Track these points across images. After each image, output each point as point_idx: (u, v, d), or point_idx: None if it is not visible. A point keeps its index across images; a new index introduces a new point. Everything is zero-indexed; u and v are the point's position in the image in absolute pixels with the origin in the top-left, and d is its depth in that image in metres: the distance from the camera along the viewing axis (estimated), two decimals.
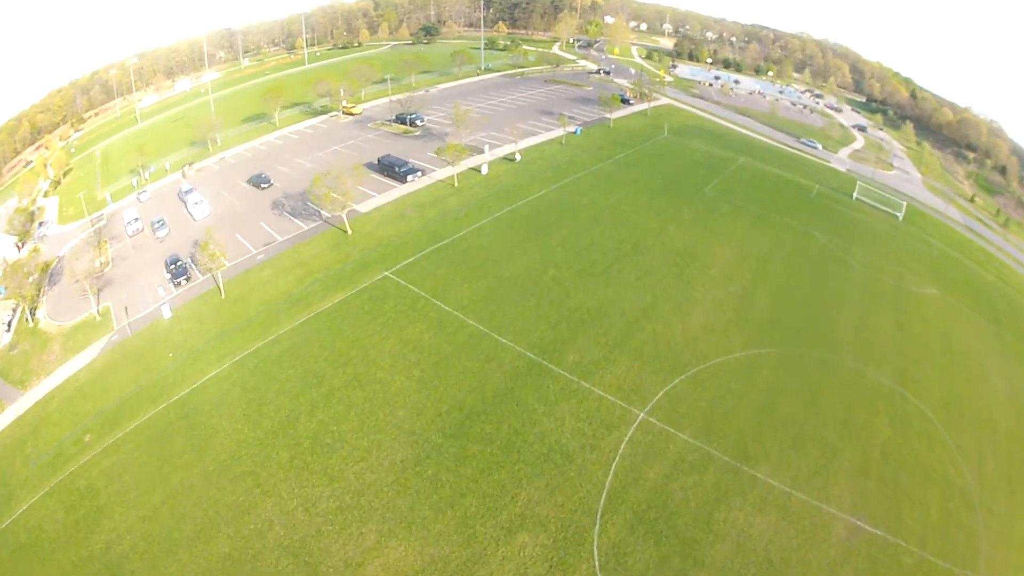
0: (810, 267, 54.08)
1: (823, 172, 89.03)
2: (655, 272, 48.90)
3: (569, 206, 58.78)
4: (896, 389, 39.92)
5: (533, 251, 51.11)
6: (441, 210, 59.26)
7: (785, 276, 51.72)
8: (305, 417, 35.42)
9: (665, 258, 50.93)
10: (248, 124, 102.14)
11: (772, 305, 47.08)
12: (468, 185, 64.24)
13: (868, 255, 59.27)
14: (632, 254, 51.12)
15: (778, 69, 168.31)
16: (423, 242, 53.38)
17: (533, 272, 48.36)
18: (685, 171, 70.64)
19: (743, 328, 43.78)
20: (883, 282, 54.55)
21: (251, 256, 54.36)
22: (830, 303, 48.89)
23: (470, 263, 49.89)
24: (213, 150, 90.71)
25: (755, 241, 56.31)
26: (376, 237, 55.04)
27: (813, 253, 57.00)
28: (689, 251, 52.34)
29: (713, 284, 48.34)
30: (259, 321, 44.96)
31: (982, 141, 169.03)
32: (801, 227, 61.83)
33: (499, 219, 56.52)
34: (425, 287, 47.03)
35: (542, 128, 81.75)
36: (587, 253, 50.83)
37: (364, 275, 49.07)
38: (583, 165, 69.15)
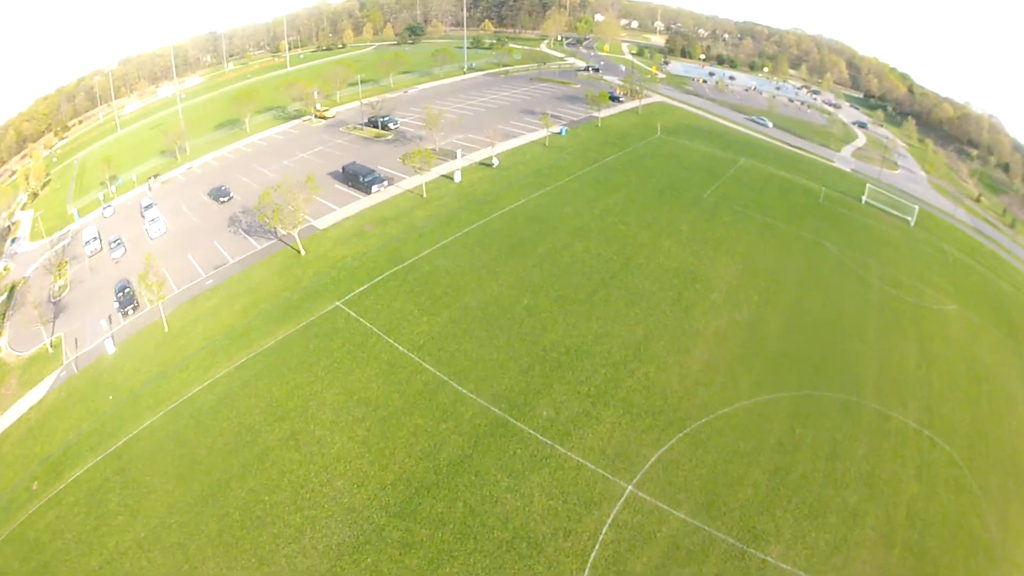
0: (824, 285, 45.69)
1: (828, 173, 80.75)
2: (648, 297, 40.41)
3: (550, 218, 50.25)
4: (923, 432, 32.88)
5: (505, 274, 42.65)
6: (405, 225, 50.87)
7: (797, 297, 43.33)
8: (236, 482, 29.20)
9: (660, 279, 42.45)
10: (220, 131, 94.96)
11: (784, 335, 38.77)
12: (438, 195, 55.75)
13: (884, 268, 51.07)
14: (621, 275, 42.60)
15: (773, 65, 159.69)
16: (381, 264, 45.21)
17: (504, 301, 39.94)
18: (681, 174, 62.09)
19: (752, 366, 35.45)
20: (903, 300, 46.48)
21: (200, 281, 47.19)
22: (849, 329, 40.70)
23: (432, 290, 41.58)
24: (182, 159, 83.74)
25: (762, 255, 47.88)
26: (331, 259, 47.06)
27: (826, 268, 48.63)
28: (688, 270, 43.86)
29: (716, 311, 39.91)
30: (198, 361, 37.99)
31: (984, 137, 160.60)
32: (811, 237, 53.44)
33: (469, 235, 48.02)
34: (379, 321, 39.02)
35: (524, 129, 73.20)
36: (568, 275, 42.33)
37: (313, 305, 41.30)
38: (567, 169, 60.62)
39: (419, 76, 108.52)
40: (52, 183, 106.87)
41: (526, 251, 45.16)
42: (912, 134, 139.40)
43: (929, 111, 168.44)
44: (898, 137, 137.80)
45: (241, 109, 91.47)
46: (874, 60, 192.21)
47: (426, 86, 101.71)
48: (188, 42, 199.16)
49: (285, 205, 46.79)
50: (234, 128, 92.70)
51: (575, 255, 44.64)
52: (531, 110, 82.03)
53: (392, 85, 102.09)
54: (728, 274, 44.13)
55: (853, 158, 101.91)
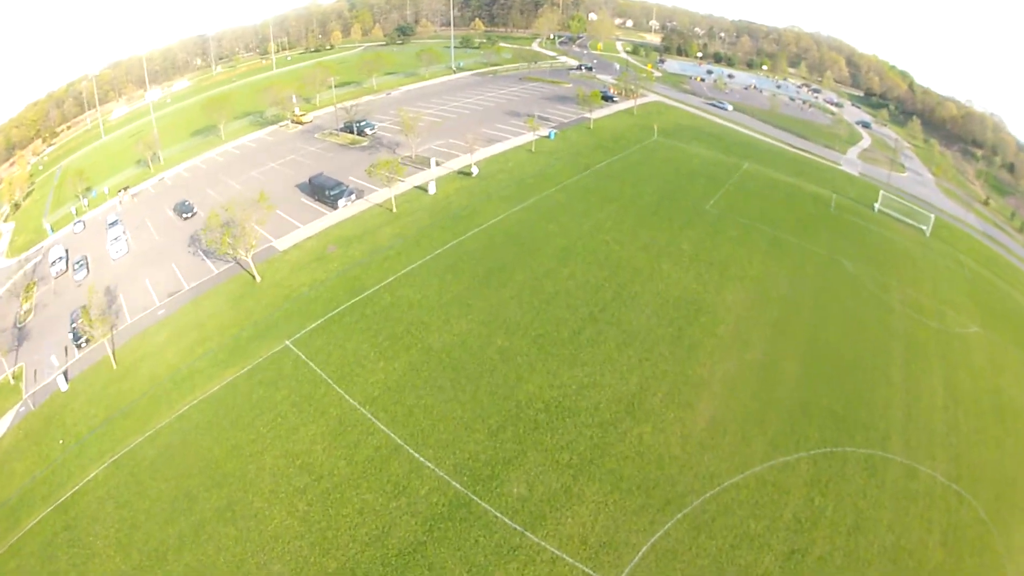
0: (843, 312, 38.81)
1: (837, 178, 73.90)
2: (644, 336, 33.42)
3: (532, 236, 43.22)
4: (951, 487, 27.72)
5: (477, 308, 35.69)
6: (370, 246, 44.03)
7: (815, 329, 36.43)
8: (173, 555, 24.76)
9: (658, 312, 35.45)
10: (196, 138, 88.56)
11: (802, 378, 31.97)
12: (409, 210, 48.76)
13: (905, 288, 44.37)
14: (613, 308, 35.60)
15: (772, 63, 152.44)
16: (339, 295, 38.59)
17: (474, 342, 33.03)
18: (681, 182, 54.97)
19: (765, 422, 28.80)
20: (926, 326, 39.86)
21: (153, 311, 41.52)
22: (872, 366, 34.02)
23: (392, 328, 34.79)
24: (155, 169, 77.90)
25: (774, 278, 40.93)
26: (286, 287, 40.57)
27: (845, 290, 41.75)
28: (690, 299, 36.87)
29: (724, 350, 33.00)
30: (142, 407, 32.77)
31: (988, 137, 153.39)
32: (825, 253, 46.52)
33: (439, 259, 41.06)
34: (329, 366, 32.52)
35: (509, 132, 66.09)
36: (551, 309, 35.31)
37: (261, 345, 34.95)
38: (554, 178, 53.54)
39: (404, 77, 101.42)
40: (35, 193, 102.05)
41: (503, 279, 38.17)
42: (917, 134, 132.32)
43: (932, 110, 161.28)
44: (902, 137, 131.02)
45: (215, 116, 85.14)
46: (873, 58, 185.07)
47: (411, 87, 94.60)
48: (177, 45, 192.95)
49: (234, 228, 40.76)
50: (210, 135, 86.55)
51: (559, 283, 37.60)
52: (518, 112, 74.80)
53: (375, 87, 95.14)
54: (737, 303, 37.16)
55: (860, 160, 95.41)
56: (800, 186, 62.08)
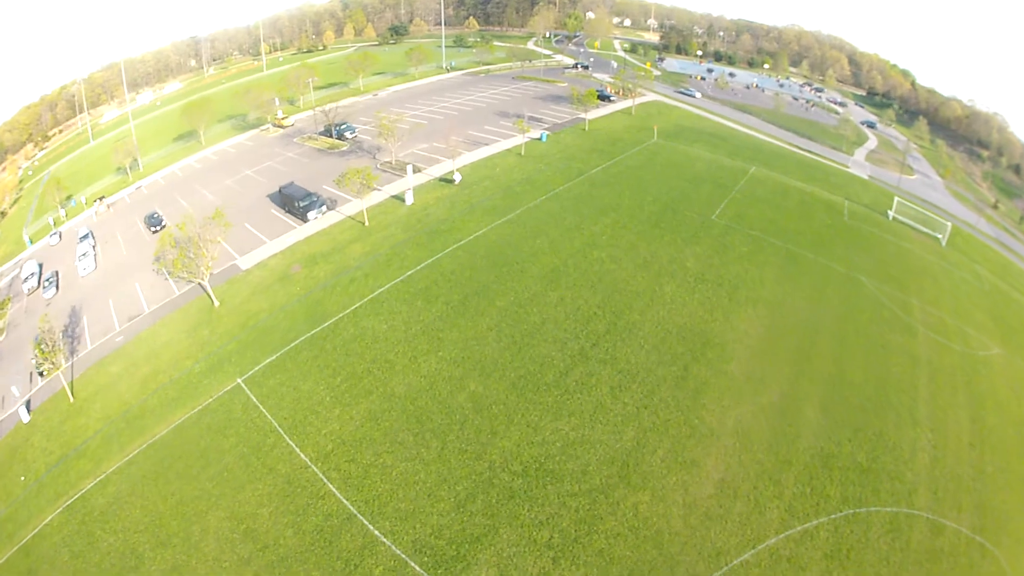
0: (866, 340, 33.46)
1: (848, 182, 68.39)
2: (643, 377, 28.06)
3: (517, 254, 37.84)
4: (974, 539, 23.61)
5: (449, 342, 30.36)
6: (337, 265, 38.86)
7: (837, 361, 31.13)
8: None
9: (660, 346, 30.05)
10: (178, 143, 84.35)
11: (824, 423, 26.86)
12: (383, 223, 43.46)
13: (926, 307, 39.09)
14: (607, 342, 30.21)
15: (773, 61, 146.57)
16: (298, 324, 33.65)
17: (442, 387, 27.75)
18: (684, 189, 49.48)
19: (782, 480, 23.90)
20: (950, 350, 34.73)
21: (112, 337, 37.20)
22: (898, 402, 28.96)
23: (352, 366, 29.68)
24: (134, 177, 73.87)
25: (790, 300, 35.55)
26: (244, 313, 35.86)
27: (866, 314, 36.35)
28: (697, 329, 31.47)
29: (736, 392, 27.67)
30: (95, 447, 29.01)
31: (993, 138, 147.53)
32: (844, 269, 41.11)
33: (412, 281, 35.73)
34: (281, 411, 27.77)
35: (498, 135, 60.66)
36: (535, 344, 29.93)
37: (212, 381, 30.46)
38: (545, 185, 48.11)
39: (393, 77, 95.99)
40: (21, 200, 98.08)
41: (481, 306, 32.79)
42: (924, 135, 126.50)
43: (936, 109, 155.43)
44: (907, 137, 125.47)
45: (195, 121, 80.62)
46: (875, 56, 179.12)
47: (399, 87, 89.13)
48: (170, 47, 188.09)
49: (188, 249, 36.03)
50: (191, 140, 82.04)
51: (546, 311, 32.18)
52: (509, 112, 69.26)
53: (362, 88, 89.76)
54: (749, 332, 31.78)
55: (868, 162, 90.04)
56: (811, 192, 56.59)
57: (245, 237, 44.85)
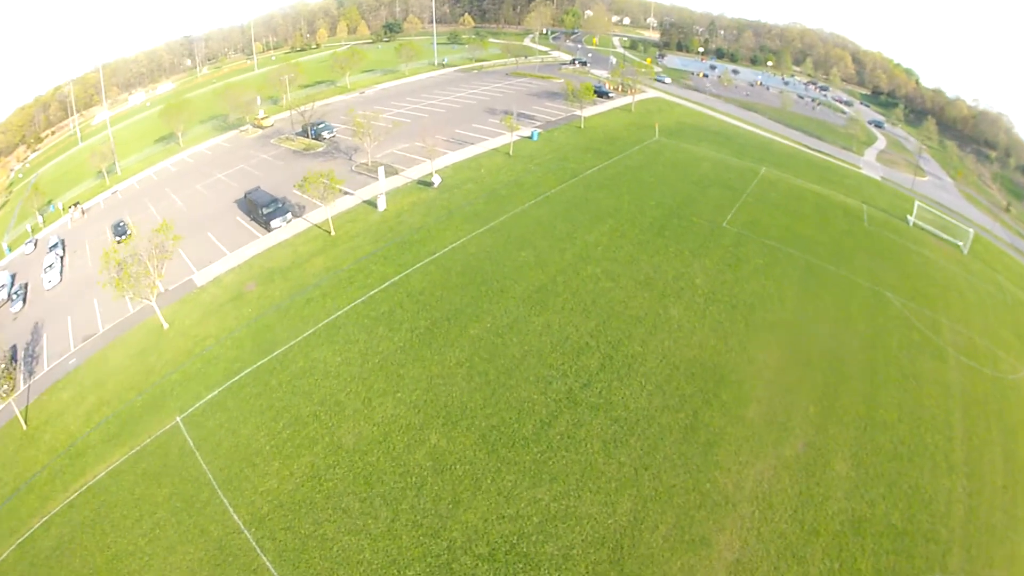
0: (897, 370, 28.05)
1: (863, 184, 63.08)
2: (644, 427, 22.54)
3: (498, 269, 32.29)
4: None
5: (411, 380, 24.90)
6: (295, 283, 33.55)
7: (868, 398, 25.70)
8: None
9: (664, 386, 24.50)
10: (158, 145, 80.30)
11: (854, 479, 21.69)
12: (350, 232, 38.05)
13: (956, 327, 33.76)
14: (601, 381, 24.66)
15: (776, 59, 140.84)
16: (245, 353, 28.52)
17: (398, 439, 22.35)
18: (690, 192, 43.83)
19: (807, 556, 18.78)
20: (981, 376, 29.55)
21: (66, 359, 33.38)
22: (933, 445, 23.96)
23: (298, 408, 24.43)
24: (111, 181, 69.89)
25: (813, 324, 30.08)
26: (192, 337, 31.01)
27: (895, 336, 30.89)
28: (708, 362, 25.94)
29: (754, 444, 22.24)
30: (42, 482, 25.60)
31: (1000, 138, 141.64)
32: (869, 284, 35.60)
33: (375, 302, 30.26)
34: (218, 459, 22.93)
35: (486, 133, 55.17)
36: (513, 384, 24.38)
37: (152, 418, 25.98)
38: (534, 188, 42.55)
39: (382, 74, 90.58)
40: (8, 204, 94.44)
41: (452, 334, 27.26)
42: (932, 135, 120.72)
43: (942, 109, 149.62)
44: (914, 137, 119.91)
45: (173, 122, 76.73)
46: (878, 55, 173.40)
47: (387, 85, 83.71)
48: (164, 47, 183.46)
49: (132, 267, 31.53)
50: (170, 142, 77.95)
51: (528, 341, 26.63)
52: (499, 110, 63.69)
53: (348, 85, 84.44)
54: (769, 366, 26.27)
55: (879, 163, 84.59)
56: (827, 195, 51.05)
57: (206, 248, 39.99)
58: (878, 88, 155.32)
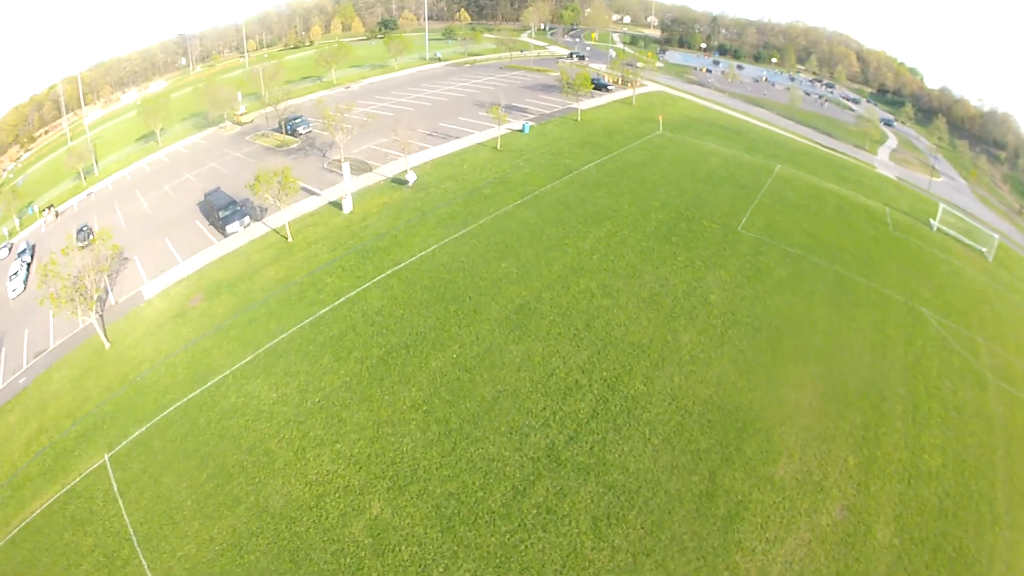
0: (939, 404, 22.95)
1: (881, 184, 57.84)
2: (648, 497, 17.15)
3: (472, 284, 26.82)
4: None
5: (354, 427, 19.61)
6: (241, 298, 28.48)
7: (911, 441, 20.69)
8: None
9: (674, 438, 19.07)
10: (138, 144, 76.11)
11: (898, 547, 17.09)
12: (310, 238, 32.77)
13: (991, 344, 28.75)
14: (593, 432, 19.22)
15: (781, 56, 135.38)
16: (178, 383, 23.83)
17: (334, 502, 17.28)
18: (699, 191, 38.23)
19: None
20: (1019, 402, 24.84)
21: (16, 378, 30.15)
22: (979, 495, 19.51)
23: (224, 455, 19.86)
24: (88, 182, 66.02)
25: (849, 349, 24.75)
26: (130, 360, 26.63)
27: (935, 362, 25.57)
28: (729, 404, 20.50)
29: (786, 513, 17.09)
30: None
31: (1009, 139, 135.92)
32: (902, 299, 30.21)
33: (322, 323, 24.96)
34: (138, 511, 18.84)
35: (473, 127, 49.83)
36: (480, 435, 18.95)
37: (83, 453, 22.15)
38: (521, 186, 37.06)
39: (371, 69, 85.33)
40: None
41: (409, 367, 21.85)
42: (943, 135, 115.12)
43: (949, 108, 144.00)
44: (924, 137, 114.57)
45: (150, 120, 72.70)
46: (882, 54, 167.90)
47: (374, 79, 78.53)
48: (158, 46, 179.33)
49: (67, 281, 28.03)
50: (150, 141, 73.70)
51: (502, 378, 21.16)
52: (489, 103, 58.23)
53: (335, 80, 79.37)
54: (802, 406, 20.91)
55: (893, 163, 79.26)
56: (847, 196, 45.58)
57: (162, 256, 35.34)
58: (884, 86, 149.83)
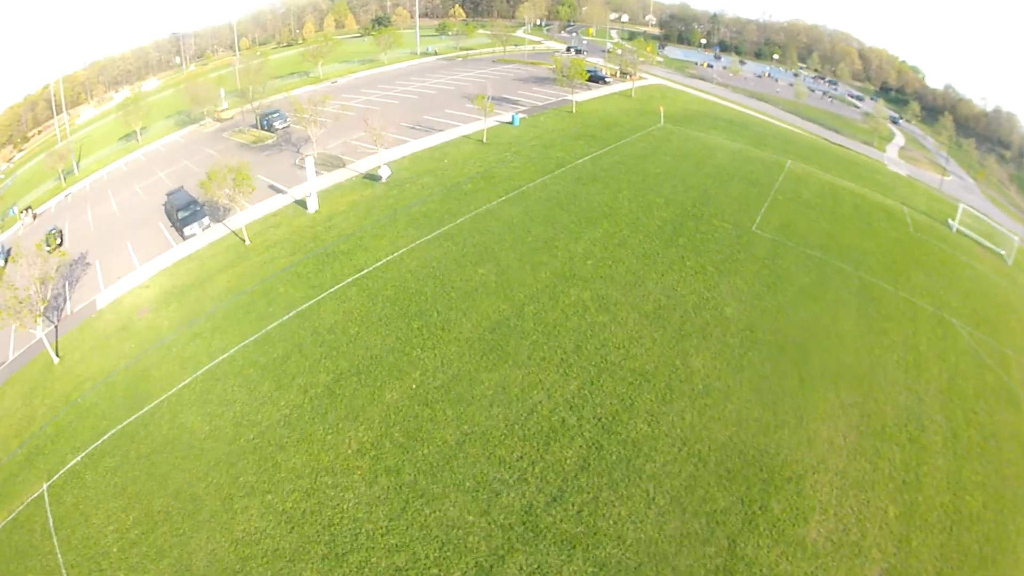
0: (978, 431, 19.39)
1: (895, 182, 54.06)
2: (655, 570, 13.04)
3: (441, 294, 22.74)
4: None
5: (290, 474, 15.69)
6: (188, 310, 24.80)
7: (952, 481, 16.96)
8: None
9: (685, 497, 15.06)
10: (121, 142, 73.31)
11: None
12: (270, 240, 28.83)
13: (1021, 357, 25.08)
14: (582, 489, 15.21)
15: (783, 52, 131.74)
16: (115, 407, 20.38)
17: (259, 568, 13.01)
18: (707, 187, 34.07)
19: None
20: None
21: None
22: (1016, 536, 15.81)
23: (151, 496, 16.36)
24: (68, 182, 63.49)
25: (882, 372, 20.85)
26: (76, 377, 23.45)
27: (970, 381, 21.89)
28: (752, 448, 16.46)
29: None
30: None
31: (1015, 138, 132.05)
32: (931, 307, 26.40)
33: (268, 342, 21.05)
34: (70, 552, 15.36)
35: (459, 119, 45.84)
36: (437, 492, 14.93)
37: (24, 480, 19.17)
38: (507, 181, 32.95)
39: (360, 64, 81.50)
40: None
41: (359, 399, 17.85)
42: (950, 133, 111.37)
43: (953, 107, 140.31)
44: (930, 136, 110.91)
45: (131, 118, 69.88)
46: (883, 52, 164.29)
47: (362, 74, 74.79)
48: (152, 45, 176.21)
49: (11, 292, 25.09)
50: (132, 139, 70.74)
51: (471, 415, 17.12)
52: None
53: (321, 75, 75.58)
54: (835, 445, 17.08)
55: (902, 160, 75.47)
56: (863, 195, 41.65)
57: (121, 260, 31.83)
58: (887, 84, 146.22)
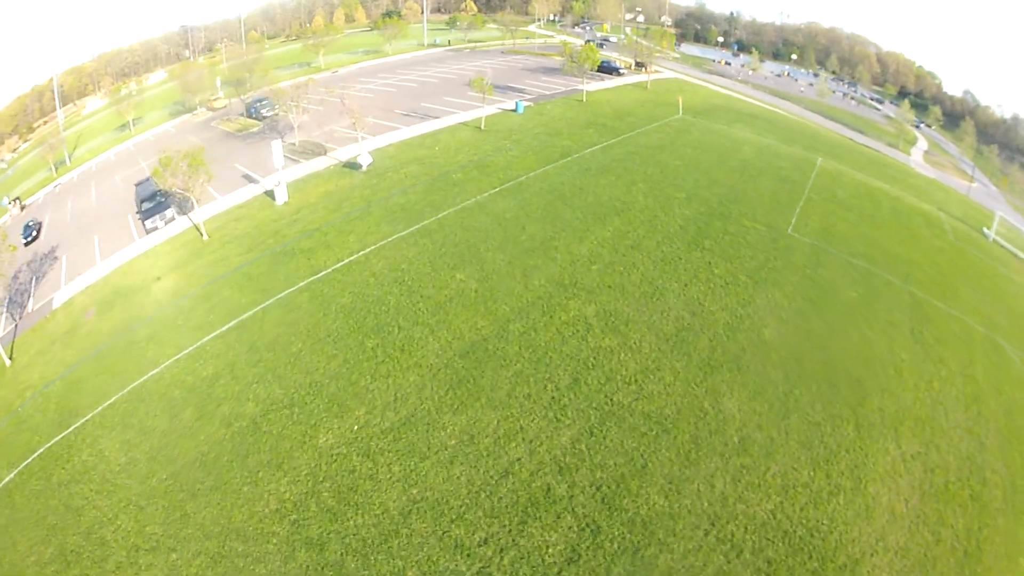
0: None
1: (929, 187, 50.40)
2: None
3: (408, 305, 18.62)
4: None
5: (194, 535, 11.92)
6: (130, 314, 21.55)
7: (1010, 550, 12.92)
8: None
9: None
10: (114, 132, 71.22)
11: None
12: (229, 234, 25.09)
13: None
14: None
15: (801, 53, 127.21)
16: (46, 423, 17.06)
17: None
18: (733, 183, 29.54)
19: None
20: None
21: None
22: None
23: (65, 533, 13.00)
24: (59, 172, 61.57)
25: (939, 411, 16.71)
26: (20, 384, 20.35)
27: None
28: (797, 528, 12.23)
29: None
30: None
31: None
32: (983, 328, 22.14)
33: (199, 358, 17.36)
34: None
35: (459, 107, 41.73)
36: None
37: None
38: (503, 171, 28.69)
39: (363, 54, 78.03)
40: None
41: (288, 442, 13.87)
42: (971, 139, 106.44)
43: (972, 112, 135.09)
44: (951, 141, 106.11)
45: (122, 109, 69.17)
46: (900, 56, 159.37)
47: (365, 64, 71.20)
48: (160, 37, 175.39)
49: None
50: (125, 129, 68.84)
51: (425, 474, 13.04)
52: None
53: (323, 65, 72.29)
54: (896, 518, 12.94)
55: (928, 165, 70.79)
56: (899, 198, 37.25)
57: (85, 255, 28.89)
58: (905, 89, 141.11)
